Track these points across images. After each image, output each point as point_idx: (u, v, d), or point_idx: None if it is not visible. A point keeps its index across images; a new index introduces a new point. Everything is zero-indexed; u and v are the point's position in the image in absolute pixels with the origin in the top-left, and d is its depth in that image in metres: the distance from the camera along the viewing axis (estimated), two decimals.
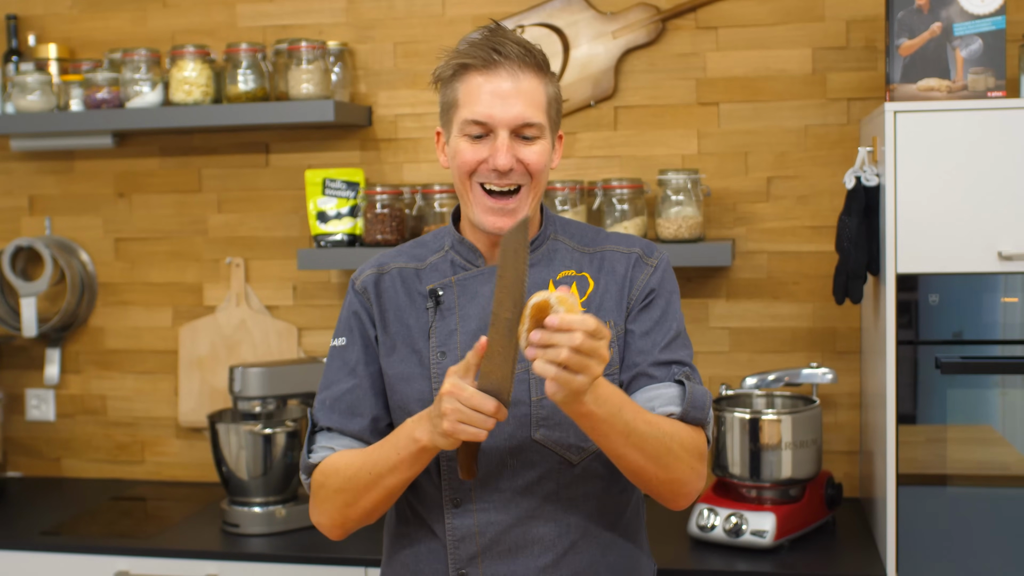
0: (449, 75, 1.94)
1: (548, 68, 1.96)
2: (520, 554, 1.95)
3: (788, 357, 3.15)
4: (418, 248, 2.09)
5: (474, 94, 1.90)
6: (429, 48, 3.28)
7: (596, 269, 2.02)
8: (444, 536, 1.97)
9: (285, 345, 3.41)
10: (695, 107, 3.16)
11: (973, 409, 2.61)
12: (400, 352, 2.00)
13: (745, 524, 2.71)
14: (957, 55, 2.56)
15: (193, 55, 3.16)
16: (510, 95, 1.89)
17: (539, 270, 2.00)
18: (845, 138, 3.08)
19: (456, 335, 1.96)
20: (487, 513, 1.94)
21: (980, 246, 2.51)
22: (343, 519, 1.97)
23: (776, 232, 3.14)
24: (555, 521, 1.95)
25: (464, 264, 2.02)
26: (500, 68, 1.89)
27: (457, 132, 1.93)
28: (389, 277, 2.05)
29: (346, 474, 1.93)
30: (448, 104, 1.96)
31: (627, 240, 2.07)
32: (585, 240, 2.06)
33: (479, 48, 1.90)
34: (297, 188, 3.37)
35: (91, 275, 3.54)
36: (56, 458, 3.62)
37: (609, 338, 1.69)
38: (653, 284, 2.01)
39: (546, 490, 1.94)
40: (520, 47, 1.91)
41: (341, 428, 2.00)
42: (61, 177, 3.54)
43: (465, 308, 1.98)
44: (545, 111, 1.93)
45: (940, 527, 2.55)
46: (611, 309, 1.99)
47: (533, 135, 1.92)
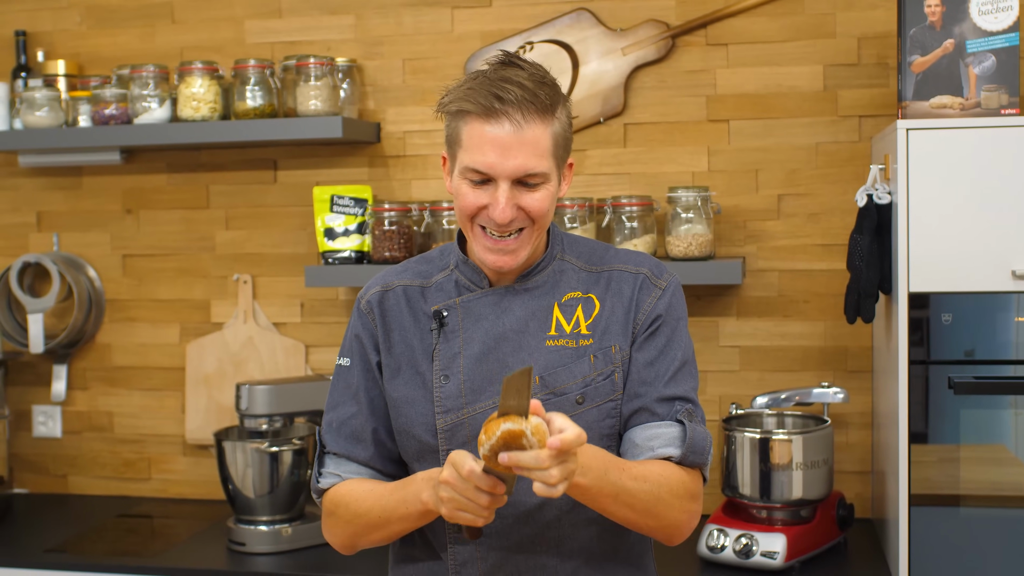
0: (451, 112, 1.88)
1: (556, 107, 1.86)
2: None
3: (799, 376, 3.12)
4: (424, 264, 2.06)
5: (475, 141, 1.83)
6: (438, 64, 3.27)
7: (603, 290, 1.98)
8: (447, 560, 1.96)
9: (292, 362, 3.39)
10: (705, 124, 3.14)
11: (986, 429, 2.59)
12: (404, 374, 1.97)
13: (755, 545, 2.68)
14: (970, 72, 2.55)
15: (201, 71, 3.16)
16: (512, 146, 1.82)
17: (544, 293, 1.96)
18: (856, 155, 3.06)
19: (459, 358, 1.94)
20: (488, 539, 1.92)
21: (993, 265, 2.49)
22: (352, 544, 1.99)
23: (787, 250, 3.11)
24: (557, 547, 1.93)
25: (469, 285, 1.98)
26: (501, 117, 1.81)
27: (459, 173, 1.88)
28: (394, 295, 2.01)
29: (355, 510, 1.93)
30: (451, 139, 1.89)
31: (636, 258, 2.02)
32: (593, 259, 2.02)
33: (480, 94, 1.82)
34: (305, 205, 3.36)
35: (98, 291, 3.53)
36: (62, 475, 3.60)
37: (584, 441, 1.66)
38: (660, 310, 1.96)
39: (548, 517, 1.92)
40: (524, 91, 1.81)
41: (348, 455, 1.99)
42: (69, 193, 3.54)
43: (469, 331, 1.95)
44: (551, 154, 1.86)
45: (953, 548, 2.52)
46: (616, 333, 1.95)
47: (536, 183, 1.86)
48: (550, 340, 1.93)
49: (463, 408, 1.92)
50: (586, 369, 1.91)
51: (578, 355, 1.92)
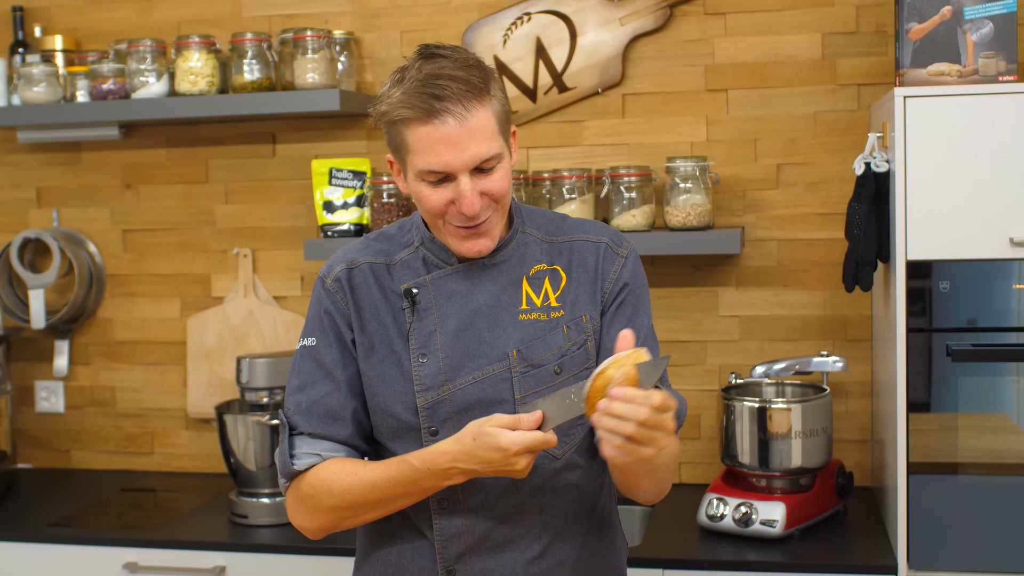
0: (390, 120, 1.86)
1: (489, 85, 1.85)
2: (508, 548, 1.95)
3: (798, 345, 3.13)
4: (383, 242, 2.03)
5: (424, 143, 1.82)
6: (436, 36, 3.26)
7: (567, 261, 2.00)
8: (431, 534, 1.96)
9: (293, 336, 3.40)
10: (703, 94, 3.13)
11: (985, 397, 2.59)
12: (379, 353, 1.97)
13: (755, 514, 2.69)
14: (968, 39, 2.53)
15: (198, 45, 3.15)
16: (461, 139, 1.81)
17: (511, 267, 1.97)
18: (855, 124, 3.05)
19: (436, 336, 1.94)
20: (475, 511, 1.94)
21: (992, 232, 2.48)
22: (334, 526, 1.96)
23: (785, 219, 3.11)
24: (540, 513, 1.96)
25: (437, 263, 1.98)
26: (443, 114, 1.80)
27: (414, 177, 1.87)
28: (360, 273, 1.99)
29: (347, 493, 1.90)
30: (397, 145, 1.88)
31: (594, 228, 2.04)
32: (551, 229, 2.03)
33: (415, 98, 1.80)
34: (304, 178, 3.36)
35: (99, 267, 3.53)
36: (65, 450, 3.62)
37: (673, 410, 1.71)
38: (626, 278, 2.00)
39: (532, 485, 1.94)
40: (457, 81, 1.80)
41: (325, 434, 1.97)
42: (68, 169, 3.54)
43: (443, 308, 1.95)
44: (498, 133, 1.86)
45: (951, 516, 2.53)
46: (585, 302, 1.98)
47: (492, 165, 1.86)
48: (523, 314, 1.95)
49: (443, 385, 1.93)
50: (560, 340, 1.94)
51: (551, 327, 1.95)
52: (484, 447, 1.76)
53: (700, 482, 3.18)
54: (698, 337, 3.18)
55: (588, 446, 2.00)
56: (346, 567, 2.76)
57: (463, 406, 1.92)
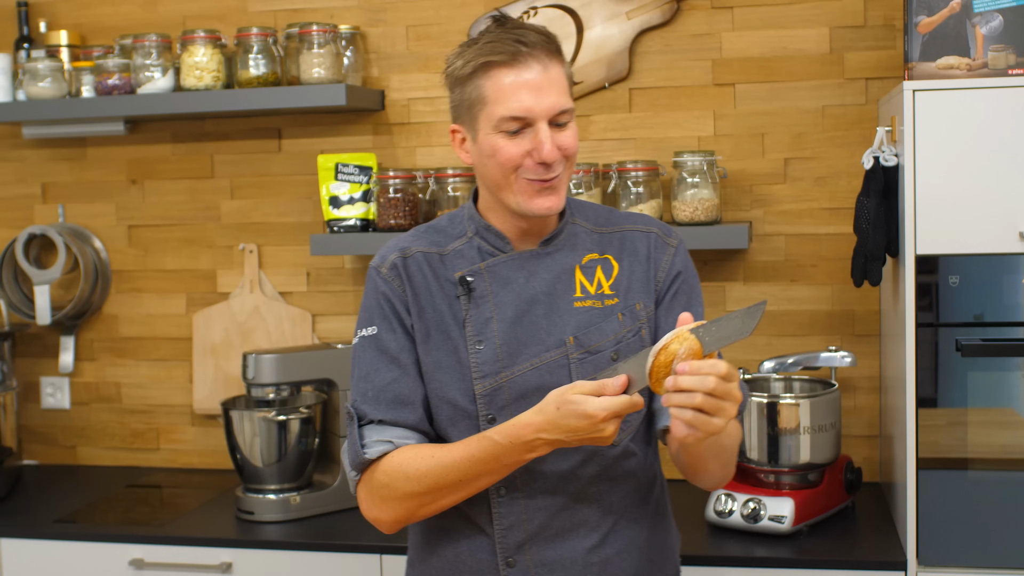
0: (468, 73, 1.89)
1: (562, 51, 1.95)
2: (567, 537, 1.96)
3: (806, 340, 3.11)
4: (435, 234, 2.05)
5: (506, 90, 1.86)
6: (441, 31, 3.25)
7: (618, 250, 2.02)
8: (489, 526, 1.96)
9: (299, 331, 3.39)
10: (711, 88, 3.12)
11: (994, 392, 2.58)
12: (435, 339, 1.97)
13: (763, 509, 2.68)
14: (977, 32, 2.52)
15: (204, 40, 3.14)
16: (543, 86, 1.86)
17: (564, 255, 2.00)
18: (863, 118, 3.04)
19: (492, 323, 1.95)
20: (534, 499, 1.94)
21: (1001, 226, 2.47)
22: (410, 516, 1.94)
23: (793, 214, 3.10)
24: (598, 502, 1.97)
25: (491, 250, 1.99)
26: (528, 59, 1.86)
27: (490, 129, 1.89)
28: (414, 261, 2.01)
29: (424, 476, 1.88)
30: (472, 101, 1.91)
31: (642, 220, 2.07)
32: (600, 220, 2.06)
33: (503, 43, 1.86)
34: (310, 173, 3.35)
35: (104, 262, 3.53)
36: (71, 446, 3.61)
37: (738, 378, 1.70)
38: (679, 266, 2.03)
39: (590, 473, 1.95)
40: (541, 35, 1.89)
41: (394, 420, 1.95)
42: (74, 164, 3.53)
43: (499, 295, 1.96)
44: (570, 94, 1.93)
45: (961, 511, 2.52)
46: (639, 291, 2.00)
47: (566, 120, 1.90)
48: (577, 301, 1.97)
49: (501, 372, 1.94)
50: (616, 327, 1.96)
51: (606, 314, 1.97)
52: (570, 415, 1.75)
53: None
54: None
55: (643, 434, 2.01)
56: (350, 563, 2.75)
57: (521, 392, 1.93)
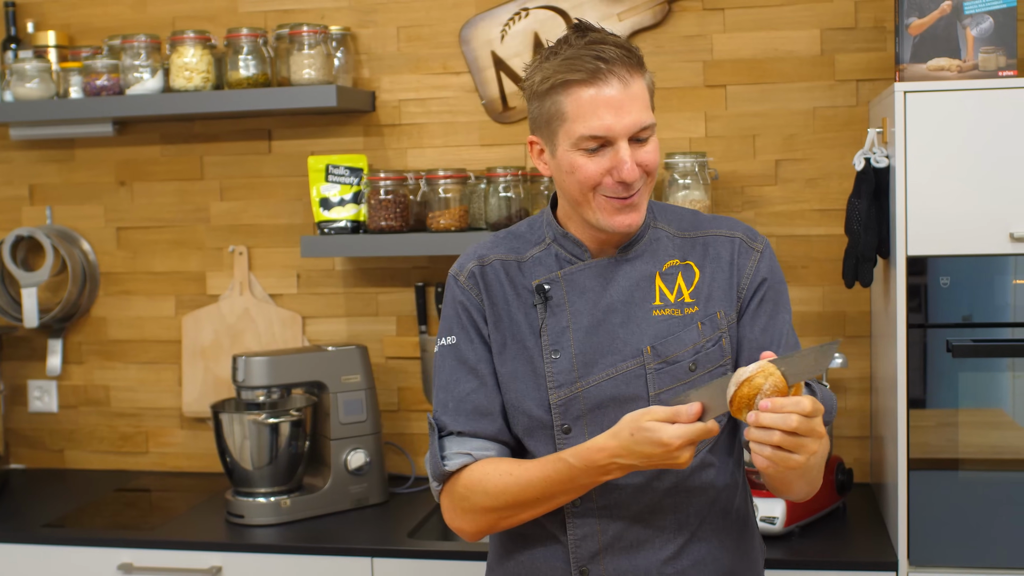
0: (546, 89, 1.86)
1: (642, 60, 1.89)
2: (642, 548, 1.93)
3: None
4: (514, 240, 2.03)
5: (586, 108, 1.82)
6: (432, 32, 3.25)
7: (700, 256, 1.97)
8: (563, 535, 1.94)
9: (289, 334, 3.38)
10: (702, 90, 3.12)
11: (984, 393, 2.58)
12: (511, 350, 1.95)
13: (755, 510, 2.68)
14: (968, 34, 2.53)
15: (193, 41, 3.13)
16: (624, 103, 1.82)
17: (644, 262, 1.96)
18: (854, 120, 3.04)
19: (568, 332, 1.92)
20: (608, 511, 1.92)
21: (991, 228, 2.47)
22: (492, 526, 1.94)
23: (785, 215, 3.10)
24: (675, 513, 1.93)
25: (569, 258, 1.96)
26: (609, 76, 1.81)
27: (569, 146, 1.85)
28: (492, 269, 1.99)
29: (502, 493, 1.88)
30: (550, 116, 1.87)
31: (727, 223, 2.02)
32: (684, 225, 2.01)
33: (582, 59, 1.82)
34: (300, 175, 3.34)
35: (93, 264, 3.51)
36: (59, 450, 3.59)
37: (822, 413, 1.68)
38: (764, 273, 1.97)
39: (666, 484, 1.92)
40: (620, 48, 1.84)
41: (474, 432, 1.94)
42: (62, 166, 3.51)
43: (575, 304, 1.94)
44: (652, 107, 1.89)
45: (952, 512, 2.52)
46: (720, 299, 1.95)
47: (647, 136, 1.87)
48: (656, 310, 1.93)
49: (576, 382, 1.91)
50: (695, 336, 1.92)
51: (685, 323, 1.92)
52: (644, 442, 1.73)
53: None
54: None
55: (723, 444, 1.98)
56: (341, 566, 2.74)
57: (597, 403, 1.90)
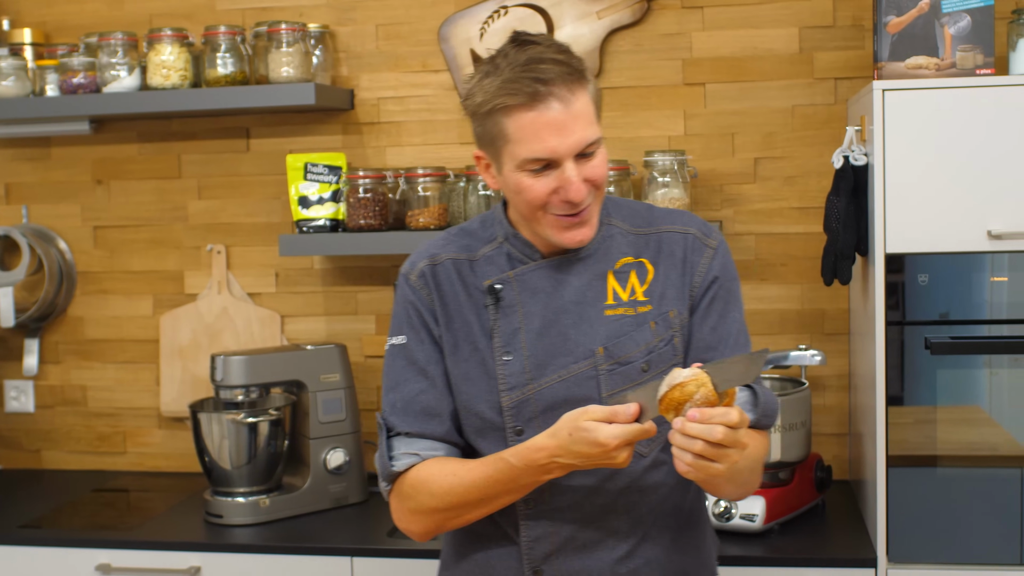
0: (486, 111, 1.81)
1: (586, 69, 1.82)
2: (596, 548, 1.92)
3: (776, 339, 3.12)
4: (466, 238, 2.00)
5: (528, 131, 1.77)
6: (411, 30, 3.24)
7: (654, 253, 1.95)
8: (517, 535, 1.93)
9: (268, 333, 3.36)
10: (681, 88, 3.13)
11: (961, 390, 2.59)
12: (463, 351, 1.94)
13: (735, 508, 2.68)
14: (945, 32, 2.54)
15: (171, 38, 3.11)
16: (566, 124, 1.77)
17: (597, 260, 1.94)
18: (832, 118, 3.05)
19: (520, 333, 1.91)
20: (562, 512, 1.91)
21: (969, 225, 2.48)
22: (438, 528, 1.94)
23: (763, 213, 3.11)
24: (628, 513, 1.93)
25: (521, 258, 1.94)
26: (548, 98, 1.76)
27: (514, 168, 1.82)
28: (443, 269, 1.97)
29: (447, 494, 1.87)
30: (493, 136, 1.83)
31: (682, 219, 2.00)
32: (638, 220, 1.99)
33: (521, 83, 1.75)
34: (278, 173, 3.33)
35: (70, 264, 3.49)
36: (36, 450, 3.57)
37: (747, 424, 1.68)
38: (716, 271, 1.96)
39: (620, 484, 1.91)
40: (561, 65, 1.77)
41: (422, 433, 1.93)
42: (38, 164, 3.49)
43: (527, 304, 1.92)
44: (597, 118, 1.85)
45: (930, 509, 2.53)
46: (673, 297, 1.93)
47: (593, 150, 1.82)
48: (609, 309, 1.91)
49: (528, 384, 1.90)
50: (648, 336, 1.90)
51: (638, 323, 1.91)
52: (582, 442, 1.72)
53: None
54: None
55: None
56: (320, 566, 2.73)
57: (548, 405, 1.88)
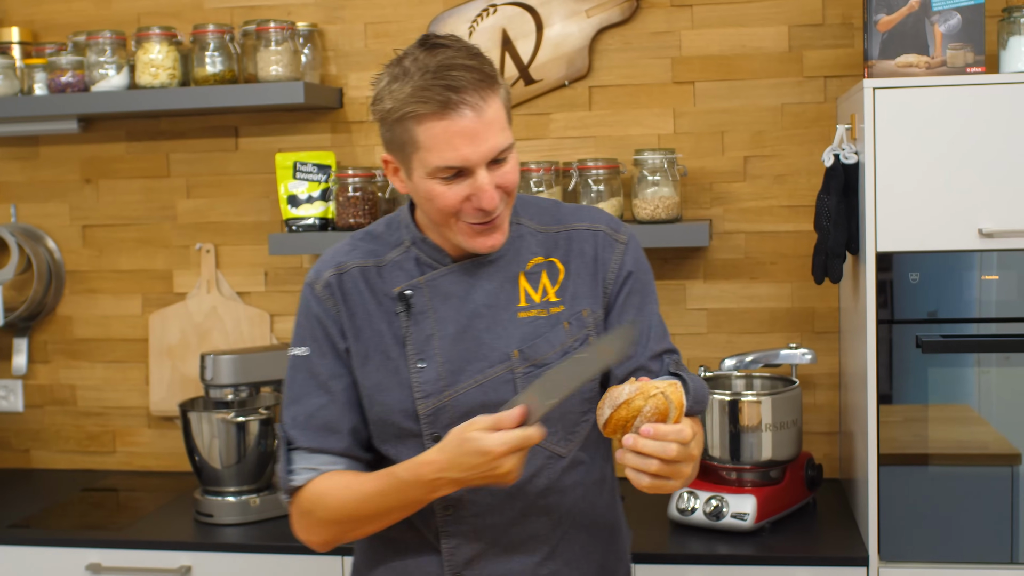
0: (396, 118, 1.76)
1: (497, 73, 1.78)
2: (517, 552, 1.91)
3: (766, 338, 3.12)
4: (371, 242, 1.96)
5: (439, 139, 1.73)
6: (400, 28, 3.23)
7: (564, 252, 1.93)
8: (437, 542, 1.92)
9: (257, 332, 3.35)
10: (670, 86, 3.12)
11: (952, 388, 2.59)
12: (374, 361, 1.90)
13: (726, 507, 2.69)
14: (936, 30, 2.54)
15: (159, 37, 3.10)
16: (479, 131, 1.73)
17: (508, 262, 1.91)
18: (822, 116, 3.05)
19: (434, 340, 1.88)
20: (482, 517, 1.90)
21: (960, 223, 2.49)
22: (336, 540, 1.92)
23: (753, 212, 3.11)
24: (547, 514, 1.92)
25: (431, 263, 1.90)
26: (461, 106, 1.71)
27: (425, 175, 1.77)
28: (350, 277, 1.92)
29: (342, 507, 1.86)
30: (402, 142, 1.78)
31: (590, 215, 1.97)
32: (545, 219, 1.96)
33: (432, 91, 1.71)
34: (267, 172, 3.32)
35: (58, 263, 3.47)
36: (25, 449, 3.55)
37: (701, 434, 1.70)
38: (629, 266, 1.94)
39: (538, 487, 1.90)
40: (472, 71, 1.73)
41: (321, 448, 1.91)
42: (26, 163, 3.47)
43: (439, 310, 1.88)
44: (508, 121, 1.81)
45: (921, 507, 2.54)
46: (586, 296, 1.92)
47: (506, 156, 1.79)
48: (522, 312, 1.89)
49: (444, 391, 1.87)
50: (563, 337, 1.89)
51: (551, 324, 1.89)
52: (469, 453, 1.69)
53: None
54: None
55: (592, 439, 1.96)
56: (311, 566, 2.72)
57: (466, 411, 1.86)
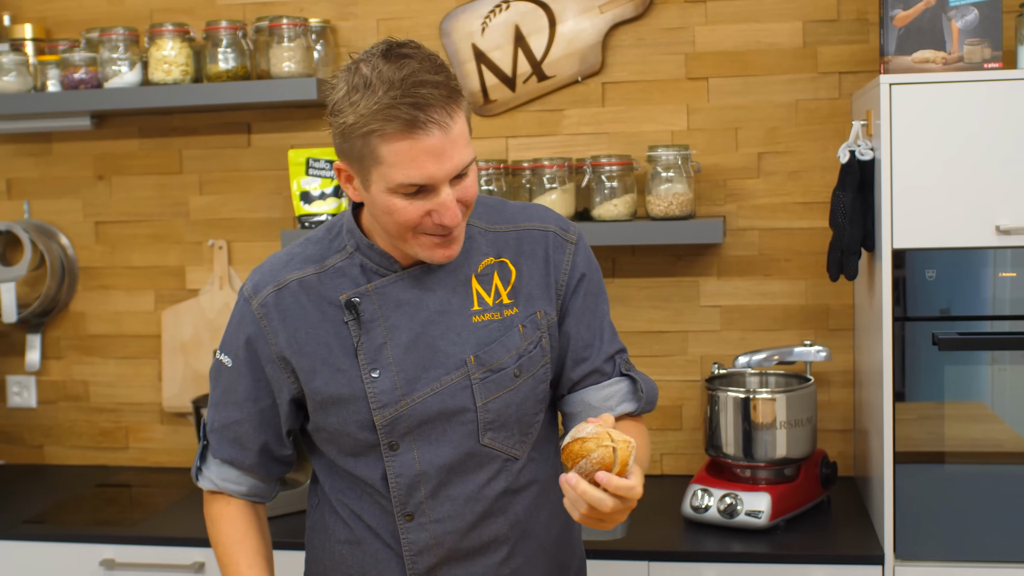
0: (359, 133, 1.69)
1: (459, 85, 1.73)
2: (479, 555, 1.92)
3: (780, 335, 3.11)
4: (311, 247, 1.91)
5: (404, 157, 1.67)
6: (413, 24, 3.23)
7: (515, 252, 1.90)
8: (398, 547, 1.92)
9: None
10: (684, 82, 3.11)
11: (967, 386, 2.58)
12: (323, 374, 1.86)
13: (740, 505, 2.68)
14: (953, 26, 2.52)
15: (172, 33, 3.10)
16: (445, 150, 1.68)
17: (458, 265, 1.87)
18: (836, 112, 3.04)
19: (386, 348, 1.84)
20: (443, 523, 1.89)
21: (977, 220, 2.47)
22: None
23: (767, 208, 3.09)
24: (505, 515, 1.92)
25: (378, 270, 1.86)
26: (428, 125, 1.66)
27: (385, 189, 1.71)
28: (290, 292, 1.87)
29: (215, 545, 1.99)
30: (362, 155, 1.71)
31: (539, 214, 1.95)
32: (494, 217, 1.93)
33: (397, 108, 1.65)
34: (280, 168, 3.31)
35: (71, 259, 3.47)
36: (38, 445, 3.56)
37: (647, 442, 1.73)
38: (581, 267, 1.93)
39: (497, 489, 1.90)
40: (438, 88, 1.67)
41: (231, 459, 1.97)
42: (39, 160, 3.48)
43: (391, 318, 1.84)
44: (470, 135, 1.76)
45: (937, 505, 2.53)
46: (539, 297, 1.90)
47: (467, 170, 1.74)
48: (476, 316, 1.86)
49: (401, 400, 1.84)
50: (517, 340, 1.88)
51: (506, 327, 1.87)
52: None
53: (683, 473, 3.16)
54: (679, 327, 3.16)
55: (542, 437, 1.97)
56: None
57: (423, 419, 1.85)
